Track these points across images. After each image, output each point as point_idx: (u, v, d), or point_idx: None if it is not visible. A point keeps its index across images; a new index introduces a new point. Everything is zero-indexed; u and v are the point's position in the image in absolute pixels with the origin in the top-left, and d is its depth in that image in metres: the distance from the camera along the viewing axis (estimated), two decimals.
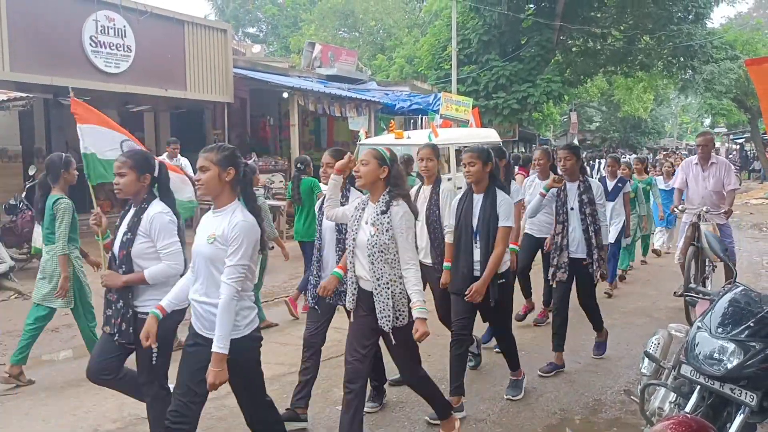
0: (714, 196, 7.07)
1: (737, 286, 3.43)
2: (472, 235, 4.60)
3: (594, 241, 5.35)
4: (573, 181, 5.48)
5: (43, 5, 10.74)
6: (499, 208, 4.57)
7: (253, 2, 44.80)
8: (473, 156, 4.59)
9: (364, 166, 3.76)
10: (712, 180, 7.09)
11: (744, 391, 2.95)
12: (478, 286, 4.45)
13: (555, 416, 4.64)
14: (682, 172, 7.43)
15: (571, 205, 5.43)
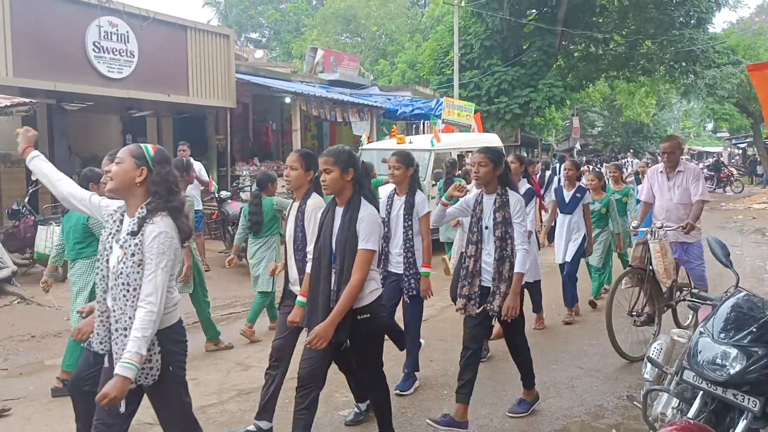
0: (680, 209, 6.13)
1: (739, 291, 3.42)
2: (330, 258, 3.68)
3: (500, 269, 4.40)
4: (490, 194, 4.52)
5: (46, 11, 10.78)
6: (359, 224, 3.59)
7: (255, 8, 44.94)
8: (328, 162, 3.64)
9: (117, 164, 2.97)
10: (677, 190, 6.15)
11: (747, 397, 2.95)
12: (321, 328, 3.48)
13: (557, 422, 4.63)
14: (647, 182, 6.50)
15: (486, 223, 4.48)
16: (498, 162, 4.49)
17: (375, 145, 13.76)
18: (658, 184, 6.31)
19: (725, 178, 29.97)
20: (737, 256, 10.92)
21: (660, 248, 5.81)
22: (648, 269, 5.90)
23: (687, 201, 6.10)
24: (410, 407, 4.84)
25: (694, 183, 6.09)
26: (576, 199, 7.24)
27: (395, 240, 5.07)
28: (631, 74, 27.53)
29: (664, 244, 5.87)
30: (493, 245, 4.44)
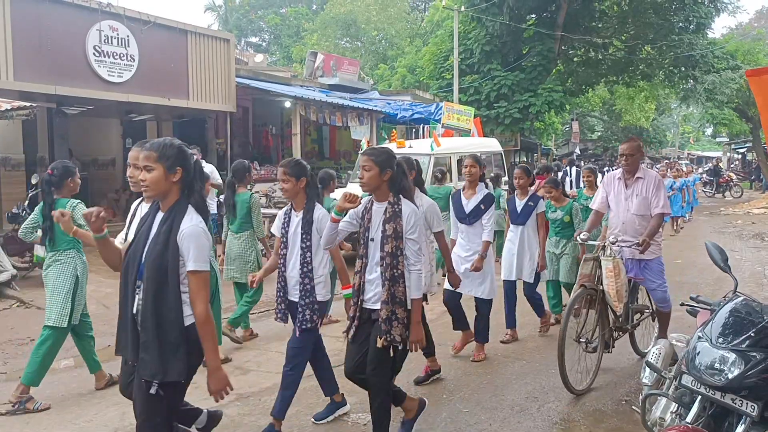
0: (638, 222, 5.47)
1: (738, 296, 3.43)
2: (137, 273, 3.01)
3: (392, 291, 3.81)
4: (380, 201, 3.93)
5: (47, 15, 10.80)
6: (181, 239, 2.96)
7: (256, 12, 45.04)
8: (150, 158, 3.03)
9: None
10: (635, 200, 5.47)
11: (745, 402, 2.95)
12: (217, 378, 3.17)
13: (556, 426, 4.64)
14: (603, 190, 5.79)
15: (372, 235, 3.93)
16: (385, 165, 3.87)
17: None
18: (615, 192, 5.65)
19: (724, 183, 30.00)
20: (736, 261, 10.94)
21: (613, 267, 5.11)
22: (599, 289, 5.22)
23: (646, 212, 5.45)
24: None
25: (654, 193, 5.43)
26: (529, 208, 6.51)
27: (291, 262, 4.35)
28: (631, 79, 27.60)
29: (618, 263, 5.16)
30: (379, 261, 3.86)
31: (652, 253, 5.48)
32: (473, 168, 5.97)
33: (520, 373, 5.69)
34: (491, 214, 5.82)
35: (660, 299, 5.69)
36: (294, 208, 4.39)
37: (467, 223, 5.87)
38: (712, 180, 30.49)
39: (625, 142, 5.66)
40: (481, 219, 5.81)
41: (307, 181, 4.30)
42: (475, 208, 5.82)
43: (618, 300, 5.18)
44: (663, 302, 5.71)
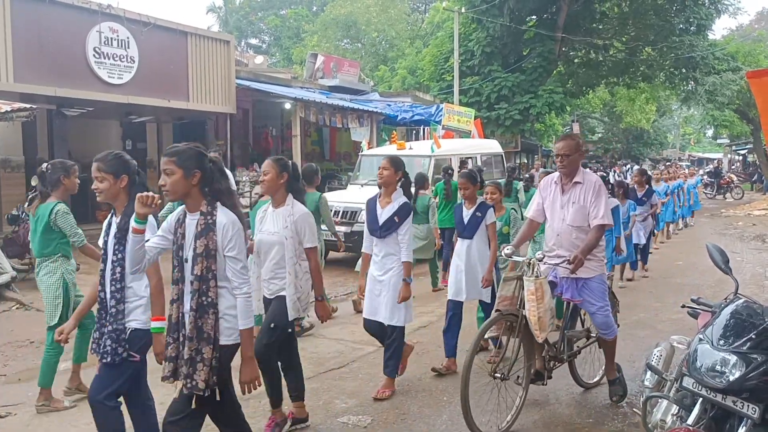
0: (574, 234, 4.67)
1: (739, 298, 3.42)
2: None
3: (198, 324, 3.14)
4: (192, 211, 3.24)
5: (47, 17, 10.81)
6: None
7: (256, 14, 45.08)
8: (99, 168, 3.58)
9: None
10: (572, 208, 4.67)
11: (746, 404, 2.94)
12: None
13: (557, 429, 4.62)
14: (539, 196, 4.97)
15: (186, 254, 3.23)
16: (191, 166, 3.17)
17: (375, 151, 13.77)
18: (551, 198, 4.83)
19: (725, 184, 29.99)
20: (737, 263, 10.92)
21: (535, 289, 4.33)
22: (521, 314, 4.45)
23: (584, 223, 4.66)
24: (410, 414, 4.82)
25: (593, 200, 4.59)
26: (476, 219, 5.63)
27: (105, 278, 3.57)
28: (631, 80, 27.61)
29: (541, 284, 4.37)
30: (189, 287, 3.20)
31: (592, 271, 4.68)
32: (385, 170, 5.01)
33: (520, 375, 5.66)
34: (407, 227, 4.94)
35: (601, 324, 4.79)
36: (115, 211, 3.60)
37: (378, 235, 4.99)
38: (713, 181, 30.48)
39: (559, 140, 4.80)
40: (396, 232, 4.94)
41: (128, 179, 3.59)
42: (388, 219, 4.92)
43: (540, 328, 4.36)
44: (605, 328, 4.80)
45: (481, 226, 5.66)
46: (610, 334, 4.85)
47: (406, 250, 4.94)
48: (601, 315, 4.76)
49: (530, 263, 4.44)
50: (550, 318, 4.46)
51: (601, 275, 4.79)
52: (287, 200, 4.32)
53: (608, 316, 4.81)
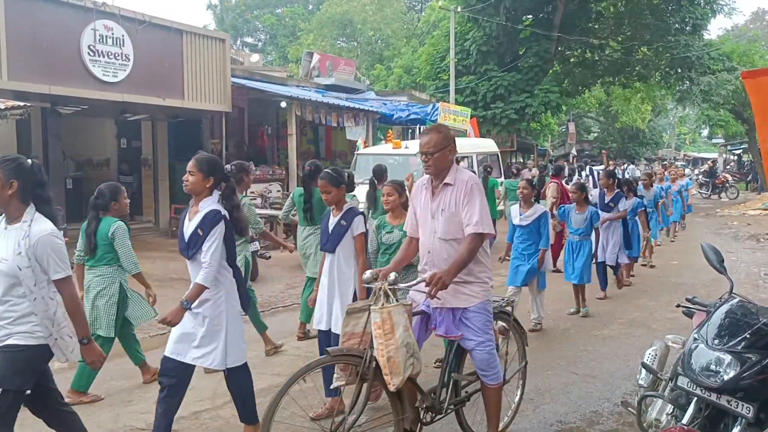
0: (445, 252, 3.76)
1: (733, 298, 3.42)
2: None
3: None
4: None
5: (41, 14, 10.75)
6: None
7: (251, 12, 45.00)
8: None
9: None
10: (442, 217, 3.78)
11: (741, 403, 2.94)
12: None
13: (552, 427, 4.62)
14: (412, 205, 4.11)
15: None
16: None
17: (371, 150, 13.76)
18: (421, 206, 3.94)
19: (720, 184, 30.06)
20: (732, 263, 10.95)
21: (382, 321, 3.45)
22: (369, 355, 3.57)
23: (458, 234, 3.73)
24: None
25: (466, 203, 3.69)
26: (341, 228, 4.72)
27: None
28: (627, 80, 27.67)
29: (390, 315, 3.46)
30: None
31: (471, 297, 3.76)
32: (191, 176, 3.93)
33: None
34: (212, 241, 3.84)
35: (482, 363, 3.80)
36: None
37: (186, 256, 3.97)
38: (708, 181, 30.55)
39: (423, 134, 3.88)
40: None
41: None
42: (193, 234, 3.88)
43: (391, 372, 3.47)
44: (486, 369, 3.81)
45: (347, 237, 4.67)
46: (491, 378, 3.83)
47: (206, 269, 3.78)
48: (482, 352, 3.78)
49: (383, 291, 3.54)
50: (408, 357, 3.50)
51: (483, 303, 3.80)
52: (25, 214, 3.27)
53: (492, 354, 3.81)
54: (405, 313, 3.54)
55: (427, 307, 3.87)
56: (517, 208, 7.01)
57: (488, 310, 3.87)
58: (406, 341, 3.49)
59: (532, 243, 6.82)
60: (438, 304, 3.78)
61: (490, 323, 3.89)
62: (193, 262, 3.90)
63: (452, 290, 3.65)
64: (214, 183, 3.92)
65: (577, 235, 7.78)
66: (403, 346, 3.48)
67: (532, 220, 6.81)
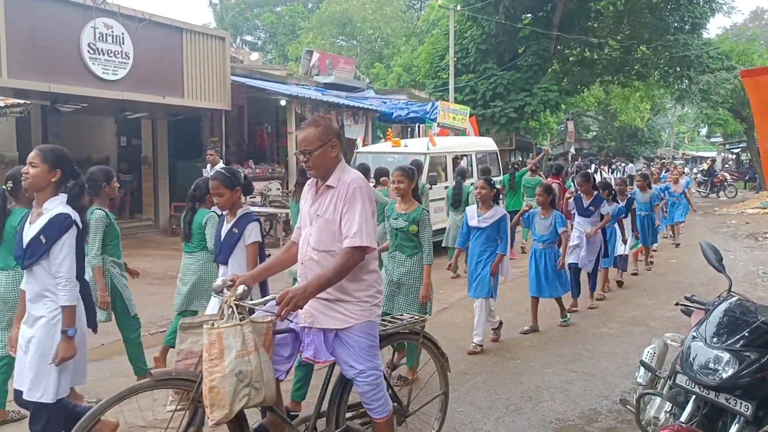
0: (317, 264, 3.27)
1: (732, 296, 3.44)
2: None
3: None
4: None
5: (41, 12, 10.75)
6: None
7: (251, 10, 44.95)
8: None
9: None
10: (317, 224, 3.30)
11: (739, 401, 2.96)
12: None
13: (551, 425, 4.64)
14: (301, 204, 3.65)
15: None
16: None
17: (370, 149, 13.77)
18: (305, 209, 3.47)
19: (719, 183, 30.07)
20: (730, 261, 10.97)
21: (210, 343, 3.01)
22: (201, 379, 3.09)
23: (333, 246, 3.24)
24: None
25: (346, 210, 3.20)
26: (232, 236, 4.45)
27: None
28: (626, 79, 27.66)
29: (220, 336, 3.00)
30: None
31: (347, 318, 3.26)
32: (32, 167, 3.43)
33: (515, 372, 5.69)
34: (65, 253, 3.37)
35: (365, 395, 3.33)
36: None
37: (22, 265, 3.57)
38: (706, 180, 30.56)
39: (300, 129, 3.35)
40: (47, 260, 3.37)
41: None
42: (33, 239, 3.38)
43: (212, 404, 2.98)
44: (371, 401, 3.34)
45: (239, 247, 4.34)
46: (376, 411, 3.37)
47: (65, 287, 3.32)
48: (362, 382, 3.30)
49: (227, 303, 3.12)
50: (242, 387, 3.00)
51: (366, 324, 3.29)
52: None
53: (374, 383, 3.31)
54: (250, 334, 3.04)
55: (296, 324, 3.37)
56: (475, 209, 6.38)
57: (371, 334, 3.33)
58: (238, 369, 2.98)
59: (489, 247, 6.23)
60: (306, 323, 3.30)
61: (375, 348, 3.36)
62: (30, 274, 3.42)
63: (323, 307, 3.25)
64: (61, 179, 3.42)
65: (542, 243, 6.93)
66: (233, 375, 2.97)
67: (491, 222, 6.19)
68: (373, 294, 3.37)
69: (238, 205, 4.42)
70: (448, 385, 4.20)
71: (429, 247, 5.17)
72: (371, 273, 3.37)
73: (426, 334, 4.04)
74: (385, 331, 3.69)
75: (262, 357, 3.09)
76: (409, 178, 5.17)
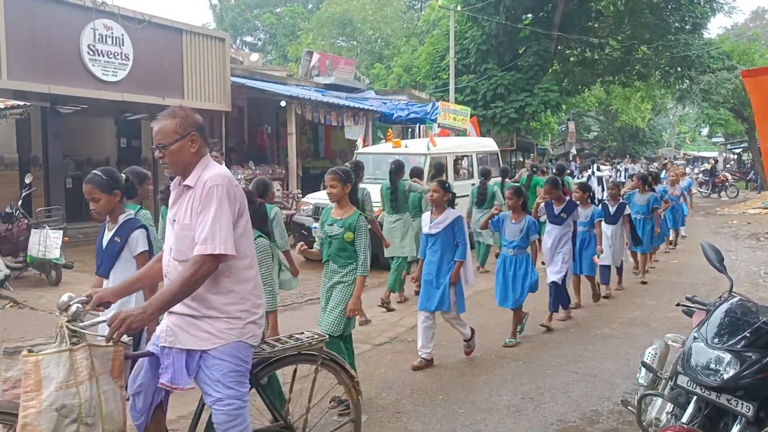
0: (174, 272, 2.92)
1: (733, 297, 3.42)
2: None
3: None
4: None
5: (41, 13, 10.76)
6: None
7: (251, 11, 44.98)
8: None
9: None
10: (174, 229, 2.96)
11: (740, 402, 2.94)
12: None
13: (552, 426, 4.62)
14: None
15: None
16: None
17: (371, 149, 13.76)
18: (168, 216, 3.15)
19: (720, 183, 30.06)
20: (732, 262, 10.96)
21: (25, 373, 2.63)
22: None
23: (186, 250, 2.87)
24: (405, 412, 4.82)
25: (200, 212, 2.83)
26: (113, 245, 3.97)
27: None
28: (627, 79, 27.65)
29: (37, 365, 2.61)
30: None
31: (214, 337, 2.88)
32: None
33: (516, 373, 5.67)
34: None
35: (221, 427, 2.91)
36: None
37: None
38: (707, 180, 30.55)
39: (156, 120, 2.95)
40: None
41: None
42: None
43: None
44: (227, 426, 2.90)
45: (123, 257, 3.91)
46: None
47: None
48: (219, 411, 2.89)
49: (60, 325, 2.73)
50: (66, 424, 2.59)
51: (235, 345, 2.90)
52: None
53: (233, 414, 2.89)
54: (85, 360, 2.65)
55: (155, 346, 2.99)
56: (428, 215, 5.87)
57: (239, 357, 2.92)
58: (60, 403, 2.57)
59: (444, 255, 5.69)
60: (167, 343, 2.91)
61: (241, 375, 2.94)
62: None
63: (186, 324, 2.88)
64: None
65: (512, 249, 6.43)
66: (52, 410, 2.55)
67: (444, 227, 5.66)
68: (248, 309, 2.95)
69: (119, 210, 3.94)
70: (359, 413, 3.69)
71: (364, 257, 4.71)
72: (244, 283, 2.95)
73: (329, 354, 3.56)
74: (270, 353, 3.24)
75: (102, 386, 2.66)
76: (341, 181, 4.72)
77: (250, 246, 3.04)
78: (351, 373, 3.63)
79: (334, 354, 3.69)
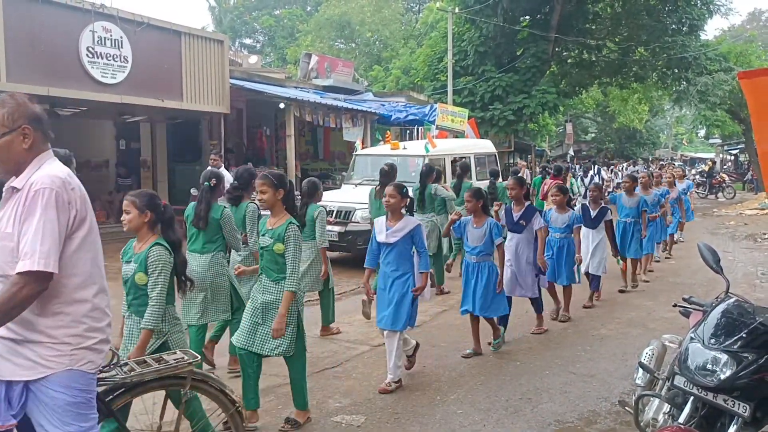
0: None
1: (729, 297, 3.45)
2: None
3: None
4: None
5: (40, 16, 10.77)
6: None
7: (250, 13, 45.01)
8: None
9: None
10: None
11: (737, 402, 2.96)
12: None
13: (550, 427, 4.64)
14: None
15: None
16: None
17: (369, 151, 13.78)
18: None
19: (717, 184, 30.11)
20: (729, 262, 10.97)
21: None
22: None
23: (10, 271, 2.44)
24: (403, 413, 4.84)
25: (24, 222, 2.43)
26: None
27: None
28: (624, 81, 27.69)
29: None
30: None
31: (40, 366, 2.47)
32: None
33: (515, 374, 5.70)
34: None
35: None
36: None
37: None
38: (705, 181, 30.60)
39: None
40: None
41: None
42: None
43: None
44: None
45: None
46: None
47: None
48: None
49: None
50: None
51: (67, 375, 2.50)
52: None
53: None
54: None
55: None
56: (383, 221, 5.34)
57: (76, 387, 2.52)
58: None
59: (401, 266, 5.25)
60: None
61: (84, 407, 2.55)
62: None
63: (6, 351, 2.47)
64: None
65: (475, 255, 6.02)
66: None
67: (402, 236, 5.19)
68: (82, 333, 2.53)
69: None
70: None
71: (292, 270, 4.25)
72: (75, 304, 2.53)
73: (202, 376, 3.31)
74: (123, 379, 2.93)
75: None
76: (272, 186, 4.34)
77: (88, 262, 2.56)
78: (233, 398, 3.37)
79: (210, 376, 3.40)
